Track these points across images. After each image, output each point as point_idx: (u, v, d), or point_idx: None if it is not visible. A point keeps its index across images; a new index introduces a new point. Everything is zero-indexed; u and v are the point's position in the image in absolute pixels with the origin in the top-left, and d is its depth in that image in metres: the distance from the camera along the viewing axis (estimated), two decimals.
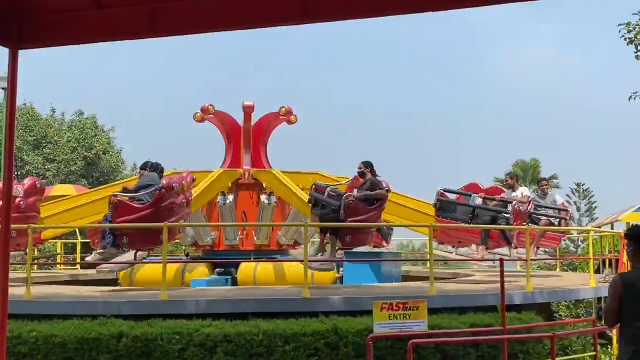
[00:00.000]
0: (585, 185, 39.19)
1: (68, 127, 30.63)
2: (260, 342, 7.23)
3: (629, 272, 4.95)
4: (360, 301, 8.28)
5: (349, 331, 7.38)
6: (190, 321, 7.61)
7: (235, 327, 7.41)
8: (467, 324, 7.91)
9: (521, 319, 8.44)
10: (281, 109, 14.00)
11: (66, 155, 28.44)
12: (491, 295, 8.90)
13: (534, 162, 39.07)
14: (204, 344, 7.21)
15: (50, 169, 27.74)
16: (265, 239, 13.01)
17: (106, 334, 7.26)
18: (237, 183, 13.42)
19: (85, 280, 13.60)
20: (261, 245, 13.03)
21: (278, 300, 8.36)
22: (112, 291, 9.89)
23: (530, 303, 9.36)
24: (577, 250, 29.12)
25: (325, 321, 7.63)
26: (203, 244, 13.15)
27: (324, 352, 7.30)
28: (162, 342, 7.18)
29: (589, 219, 36.96)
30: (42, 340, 7.29)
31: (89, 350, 7.23)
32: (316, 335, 7.33)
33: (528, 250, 10.26)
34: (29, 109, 30.08)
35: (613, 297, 4.79)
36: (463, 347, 7.69)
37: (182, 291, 9.70)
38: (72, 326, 7.47)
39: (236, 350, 7.18)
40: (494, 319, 8.09)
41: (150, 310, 7.98)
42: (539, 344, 8.29)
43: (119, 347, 7.19)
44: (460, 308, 8.54)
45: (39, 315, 7.94)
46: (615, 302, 4.78)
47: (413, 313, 7.36)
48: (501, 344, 7.71)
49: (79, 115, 31.15)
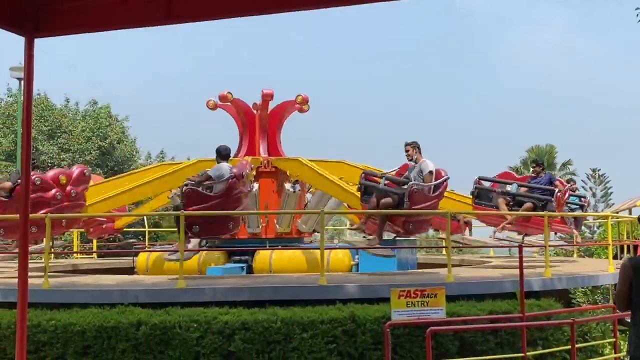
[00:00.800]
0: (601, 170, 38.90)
1: (82, 117, 30.75)
2: (278, 329, 7.22)
3: (639, 256, 4.91)
4: (377, 289, 8.26)
5: (367, 319, 7.36)
6: (208, 309, 7.62)
7: (253, 314, 7.41)
8: (485, 311, 7.87)
9: (540, 306, 8.38)
10: (297, 97, 13.94)
11: (81, 145, 28.56)
12: (509, 282, 8.85)
13: (550, 148, 38.74)
14: (222, 332, 7.22)
15: (65, 158, 27.87)
16: (287, 227, 13.03)
17: (125, 322, 7.29)
18: (257, 171, 13.40)
19: (102, 269, 13.69)
20: (283, 233, 13.06)
21: (295, 288, 8.35)
22: (129, 280, 9.92)
23: (549, 290, 9.28)
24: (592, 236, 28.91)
25: (343, 309, 7.61)
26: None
27: (341, 339, 7.28)
28: (181, 330, 7.20)
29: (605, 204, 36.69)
30: (61, 329, 7.33)
31: (107, 339, 7.26)
32: (334, 323, 7.31)
33: (546, 236, 10.18)
34: (43, 98, 30.21)
35: (623, 281, 4.78)
36: (482, 334, 7.64)
37: (199, 279, 9.72)
38: (91, 315, 7.50)
39: (254, 338, 7.19)
40: (513, 305, 8.04)
41: (168, 299, 8.00)
42: (558, 330, 8.23)
43: (137, 335, 7.22)
44: (479, 295, 8.49)
45: (57, 304, 7.99)
46: (625, 286, 4.75)
47: (431, 300, 7.33)
48: (520, 330, 7.68)
49: (93, 105, 31.25)
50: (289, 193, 12.45)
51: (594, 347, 8.71)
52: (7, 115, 28.79)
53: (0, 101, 31.03)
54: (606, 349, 8.92)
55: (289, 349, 7.21)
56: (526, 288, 8.01)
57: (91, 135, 28.95)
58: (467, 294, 8.48)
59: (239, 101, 13.93)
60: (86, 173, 11.06)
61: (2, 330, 7.49)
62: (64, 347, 7.33)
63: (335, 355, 7.26)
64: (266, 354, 7.21)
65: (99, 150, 28.86)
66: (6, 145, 27.47)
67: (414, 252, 13.67)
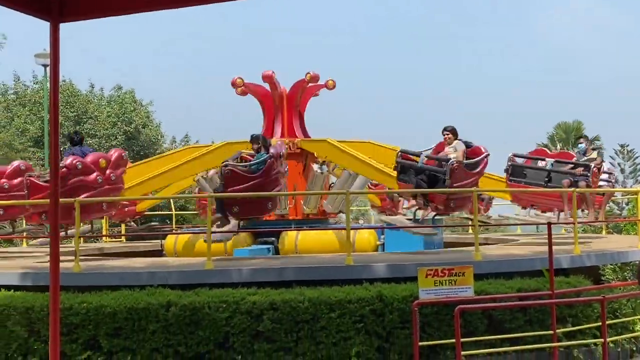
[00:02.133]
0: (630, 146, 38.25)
1: (107, 102, 31.03)
2: (306, 309, 7.26)
3: None
4: (404, 268, 8.24)
5: (394, 298, 7.36)
6: (236, 290, 7.68)
7: (281, 294, 7.45)
8: (514, 289, 7.82)
9: (569, 283, 8.30)
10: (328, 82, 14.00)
11: (107, 130, 28.87)
12: (538, 259, 8.77)
13: (577, 124, 38.14)
14: (251, 312, 7.28)
15: (92, 144, 28.17)
16: (314, 208, 13.06)
17: (155, 303, 7.38)
18: None
19: (130, 252, 13.87)
20: (310, 214, 13.10)
21: (322, 268, 8.37)
22: (158, 262, 10.04)
23: (578, 267, 9.18)
24: (621, 212, 28.51)
25: (370, 288, 7.61)
26: None
27: (369, 318, 7.30)
28: (210, 311, 7.27)
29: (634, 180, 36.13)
30: (92, 311, 7.44)
31: (138, 320, 7.36)
32: (361, 302, 7.32)
33: (575, 213, 10.05)
34: (68, 85, 30.52)
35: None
36: (510, 312, 7.60)
37: (226, 261, 9.79)
38: (122, 297, 7.61)
39: (282, 318, 7.24)
40: (542, 283, 7.98)
41: (197, 280, 8.08)
42: (588, 307, 8.15)
43: (167, 316, 7.31)
44: (507, 273, 8.43)
45: (88, 287, 8.12)
46: None
47: (459, 279, 7.30)
48: (549, 308, 7.63)
49: (118, 90, 31.51)
50: (317, 174, 12.45)
51: (624, 323, 8.63)
52: (34, 102, 29.16)
53: (26, 88, 31.42)
54: (637, 326, 8.82)
55: (317, 329, 7.25)
56: (555, 265, 7.94)
57: (116, 121, 29.24)
58: (495, 272, 8.43)
59: (252, 85, 13.96)
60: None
61: (36, 314, 7.63)
62: (95, 329, 7.45)
63: (363, 335, 7.28)
64: (294, 334, 7.26)
65: (125, 135, 29.14)
66: (33, 131, 27.85)
67: (441, 232, 13.62)
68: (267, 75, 13.48)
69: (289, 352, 7.26)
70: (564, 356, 7.77)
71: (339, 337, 7.25)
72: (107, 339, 7.43)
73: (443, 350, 7.36)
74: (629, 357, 8.48)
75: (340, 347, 7.25)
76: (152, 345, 7.35)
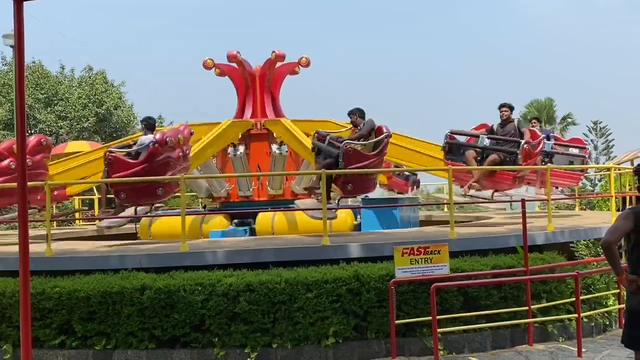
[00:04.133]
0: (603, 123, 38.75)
1: (78, 83, 30.48)
2: (283, 290, 7.23)
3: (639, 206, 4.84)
4: (380, 247, 8.24)
5: (371, 277, 7.36)
6: (212, 272, 7.62)
7: (257, 276, 7.41)
8: (489, 266, 7.87)
9: (544, 259, 8.38)
10: (301, 59, 13.83)
11: (78, 112, 28.38)
12: (512, 236, 8.84)
13: (549, 101, 38.51)
14: (227, 294, 7.23)
15: (63, 126, 27.74)
16: (279, 189, 12.97)
17: (129, 287, 7.29)
18: (249, 134, 13.30)
19: (104, 236, 13.70)
20: (275, 195, 13.00)
21: (298, 249, 8.34)
22: (131, 245, 9.92)
23: (552, 243, 9.28)
24: (594, 189, 28.94)
25: (347, 268, 7.61)
26: (218, 196, 13.15)
27: (346, 298, 7.30)
28: (185, 294, 7.21)
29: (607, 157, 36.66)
30: (65, 296, 7.34)
31: (112, 304, 7.28)
32: (338, 282, 7.31)
33: (549, 189, 10.13)
34: (38, 66, 29.90)
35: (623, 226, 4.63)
36: (486, 289, 7.66)
37: (201, 243, 9.72)
38: (95, 281, 7.51)
39: (259, 299, 7.20)
40: (516, 260, 8.05)
41: (172, 263, 8.00)
42: (562, 283, 8.25)
43: (142, 299, 7.23)
44: (482, 250, 8.49)
45: (61, 271, 8.00)
46: (621, 233, 4.64)
47: (435, 257, 7.36)
48: (524, 284, 7.71)
49: (89, 71, 30.95)
50: (276, 155, 12.37)
51: (598, 299, 8.75)
52: (3, 84, 28.53)
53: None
54: (610, 300, 8.97)
55: (294, 309, 7.23)
56: (529, 242, 8.01)
57: (87, 102, 28.74)
58: (470, 249, 8.47)
59: (224, 65, 13.77)
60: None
61: (7, 299, 7.51)
62: (69, 313, 7.36)
63: (340, 314, 7.28)
64: (271, 315, 7.24)
65: (96, 117, 28.68)
66: (3, 114, 27.28)
67: (416, 210, 13.68)
68: (231, 55, 13.26)
69: (266, 333, 7.24)
70: (538, 332, 7.87)
71: (316, 317, 7.25)
72: (81, 323, 7.35)
73: (419, 327, 7.40)
74: (602, 331, 8.62)
75: (318, 327, 7.24)
76: (127, 329, 7.28)
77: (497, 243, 8.78)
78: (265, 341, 7.21)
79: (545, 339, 7.88)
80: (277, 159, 12.43)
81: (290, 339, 7.22)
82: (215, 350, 7.17)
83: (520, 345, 7.68)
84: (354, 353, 7.28)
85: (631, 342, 4.70)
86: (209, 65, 13.52)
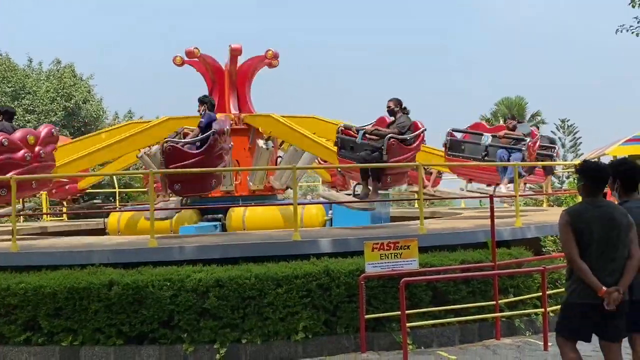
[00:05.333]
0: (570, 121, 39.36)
1: (46, 77, 29.98)
2: (253, 285, 7.21)
3: (575, 205, 4.91)
4: (350, 242, 8.26)
5: (341, 272, 7.38)
6: (181, 267, 7.57)
7: (227, 271, 7.38)
8: (457, 261, 7.94)
9: (511, 254, 8.49)
10: (267, 52, 13.71)
11: (46, 105, 27.93)
12: (481, 232, 8.92)
13: (519, 99, 38.91)
14: (196, 290, 7.18)
15: (30, 120, 27.25)
16: (260, 184, 12.93)
17: (96, 283, 7.20)
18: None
19: (71, 231, 13.51)
20: (256, 190, 12.96)
21: (269, 244, 8.31)
22: (100, 241, 9.80)
23: (520, 238, 9.40)
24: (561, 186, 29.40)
25: (317, 263, 7.61)
26: None
27: (316, 293, 7.30)
28: (154, 289, 7.14)
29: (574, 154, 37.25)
30: (31, 292, 7.23)
31: (79, 300, 7.18)
32: (308, 277, 7.31)
33: (516, 186, 10.25)
34: (5, 59, 29.35)
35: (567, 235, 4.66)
36: (454, 283, 7.73)
37: (171, 238, 9.63)
38: (62, 276, 7.40)
39: (228, 295, 7.17)
40: (485, 255, 8.13)
41: (140, 258, 7.92)
42: (529, 278, 8.36)
43: (110, 295, 7.15)
44: (451, 246, 8.56)
45: (27, 267, 7.87)
46: (571, 241, 4.66)
47: (404, 252, 7.40)
48: (492, 279, 7.79)
49: (57, 64, 30.46)
50: (262, 150, 12.32)
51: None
52: None
53: None
54: None
55: (264, 304, 7.21)
56: (497, 238, 8.10)
57: (56, 96, 28.31)
58: (439, 244, 8.54)
59: (207, 57, 13.65)
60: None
61: None
62: (35, 309, 7.24)
63: (310, 309, 7.29)
64: (241, 310, 7.21)
65: (65, 110, 28.26)
66: None
67: (387, 206, 13.73)
68: (235, 49, 13.16)
69: (235, 328, 7.21)
70: (506, 326, 7.96)
71: (285, 312, 7.24)
72: (47, 319, 7.24)
73: (389, 322, 7.44)
74: None
75: (287, 322, 7.24)
76: (95, 325, 7.20)
77: (466, 238, 8.85)
78: (235, 337, 7.19)
79: (512, 333, 7.98)
80: (262, 154, 12.36)
81: (259, 334, 7.20)
82: (184, 346, 7.12)
83: (488, 340, 7.76)
84: (323, 348, 7.29)
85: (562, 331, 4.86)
86: (195, 54, 13.33)
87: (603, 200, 4.82)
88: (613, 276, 4.60)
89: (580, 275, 4.65)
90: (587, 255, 4.63)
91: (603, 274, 4.59)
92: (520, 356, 7.04)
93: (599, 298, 4.55)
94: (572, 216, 4.69)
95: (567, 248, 4.70)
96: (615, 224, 4.64)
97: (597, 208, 4.70)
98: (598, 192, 4.80)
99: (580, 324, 4.71)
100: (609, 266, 4.62)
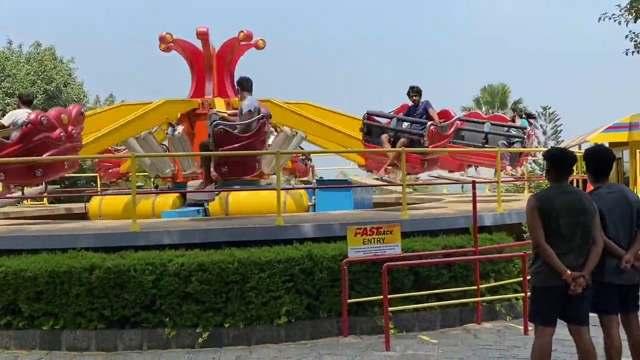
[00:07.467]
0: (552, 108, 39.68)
1: (26, 59, 29.56)
2: (235, 270, 7.20)
3: (542, 190, 5.00)
4: (334, 227, 8.28)
5: (324, 257, 7.39)
6: (163, 252, 7.54)
7: (210, 256, 7.36)
8: (439, 246, 7.99)
9: (492, 240, 8.55)
10: (239, 34, 13.37)
11: (26, 89, 27.51)
12: (463, 217, 8.99)
13: (502, 87, 39.10)
14: (178, 274, 7.16)
15: (10, 103, 26.87)
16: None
17: (77, 266, 7.16)
18: (195, 113, 12.99)
19: (53, 215, 13.40)
20: None
21: (252, 229, 8.31)
22: (81, 224, 9.73)
23: (501, 224, 9.48)
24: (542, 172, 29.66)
25: (300, 248, 7.62)
26: (164, 176, 12.91)
27: (299, 277, 7.32)
28: (136, 273, 7.11)
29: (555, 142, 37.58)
30: (11, 275, 7.17)
31: (60, 284, 7.13)
32: (291, 262, 7.32)
33: (499, 172, 10.33)
34: None
35: (534, 220, 4.73)
36: (436, 268, 7.77)
37: (153, 223, 9.59)
38: (42, 260, 7.34)
39: (211, 279, 7.15)
40: (466, 240, 8.19)
41: (122, 243, 7.87)
42: (510, 263, 8.44)
43: (91, 279, 7.11)
44: (433, 231, 8.61)
45: (7, 251, 7.79)
46: (537, 226, 4.72)
47: (387, 237, 7.43)
48: (473, 264, 7.86)
49: (37, 47, 30.03)
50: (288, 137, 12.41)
51: None
52: None
53: None
54: None
55: (247, 289, 7.22)
56: (479, 223, 8.16)
57: (36, 79, 27.95)
58: (421, 230, 8.59)
59: (182, 41, 13.45)
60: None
61: None
62: (15, 293, 7.19)
63: (293, 294, 7.30)
64: (224, 294, 7.21)
65: (45, 94, 27.92)
66: None
67: (370, 192, 13.77)
68: (201, 32, 12.92)
69: (218, 313, 7.21)
70: (486, 310, 8.04)
71: (268, 296, 7.25)
72: (27, 303, 7.19)
73: (371, 306, 7.48)
74: None
75: (270, 307, 7.25)
76: (76, 309, 7.16)
77: (448, 224, 8.92)
78: (217, 321, 7.18)
79: (493, 317, 8.06)
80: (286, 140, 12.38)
81: (242, 318, 7.20)
82: (167, 330, 7.11)
83: (469, 324, 7.83)
84: (306, 332, 7.32)
85: (531, 316, 4.98)
86: (167, 40, 13.14)
87: (570, 186, 4.96)
88: (577, 261, 4.71)
89: (545, 258, 4.74)
90: (553, 240, 4.71)
91: (568, 259, 4.68)
92: (501, 340, 7.12)
93: (564, 281, 4.65)
94: (540, 201, 4.78)
95: (533, 232, 4.79)
96: (581, 210, 4.73)
97: (564, 194, 4.79)
98: (563, 177, 4.90)
99: (546, 307, 4.80)
100: (574, 251, 4.71)
